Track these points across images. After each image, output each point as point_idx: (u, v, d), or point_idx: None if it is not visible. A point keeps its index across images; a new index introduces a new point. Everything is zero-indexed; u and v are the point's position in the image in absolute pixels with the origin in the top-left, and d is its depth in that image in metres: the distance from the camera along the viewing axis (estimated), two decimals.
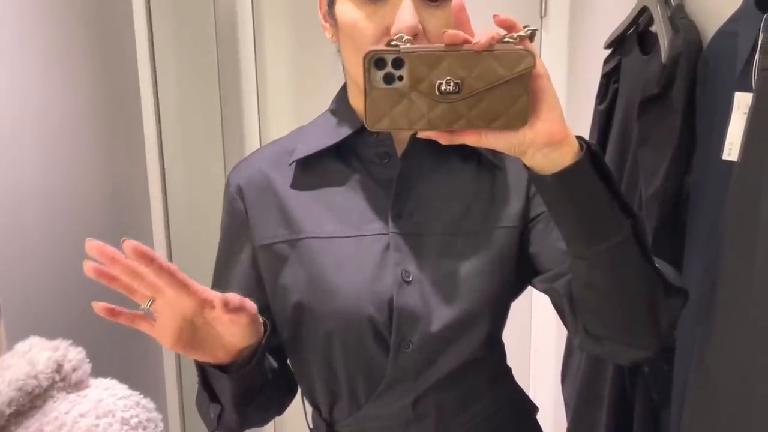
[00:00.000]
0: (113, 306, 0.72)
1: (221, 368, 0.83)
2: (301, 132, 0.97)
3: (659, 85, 1.16)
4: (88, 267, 0.68)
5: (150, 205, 2.06)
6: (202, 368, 0.85)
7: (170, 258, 2.08)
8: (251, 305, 0.75)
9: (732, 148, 0.96)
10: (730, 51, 1.01)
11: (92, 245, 0.68)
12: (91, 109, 1.78)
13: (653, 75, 1.18)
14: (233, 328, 0.77)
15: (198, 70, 2.02)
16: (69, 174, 1.68)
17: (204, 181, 2.02)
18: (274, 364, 0.95)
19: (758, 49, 0.84)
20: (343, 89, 0.94)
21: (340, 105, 0.94)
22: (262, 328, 0.83)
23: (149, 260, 0.68)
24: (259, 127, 2.06)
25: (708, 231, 1.04)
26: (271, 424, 2.19)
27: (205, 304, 0.73)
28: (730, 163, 0.95)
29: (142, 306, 0.73)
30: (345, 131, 0.90)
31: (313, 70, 2.01)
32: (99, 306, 0.71)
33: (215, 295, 0.72)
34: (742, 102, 0.92)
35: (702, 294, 0.92)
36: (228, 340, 0.79)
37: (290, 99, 2.05)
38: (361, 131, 0.89)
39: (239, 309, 0.73)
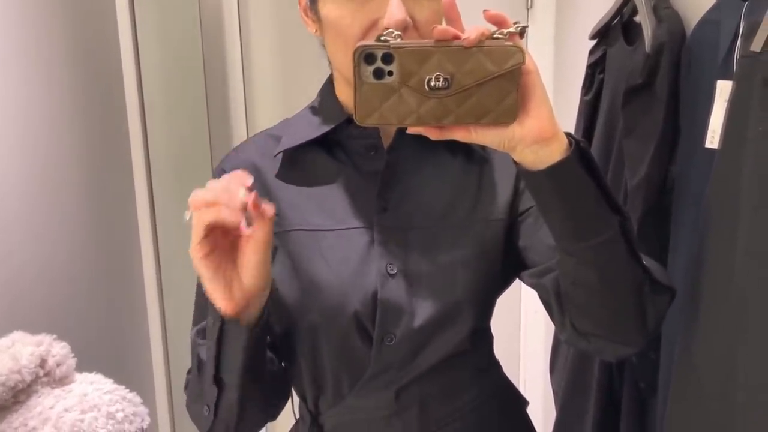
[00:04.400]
0: None
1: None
2: (288, 123, 0.96)
3: (643, 75, 1.16)
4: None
5: (135, 199, 2.05)
6: (220, 330, 0.80)
7: (156, 252, 2.07)
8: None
9: (714, 136, 0.96)
10: (712, 40, 1.01)
11: None
12: (73, 101, 1.77)
13: (637, 65, 1.19)
14: (250, 252, 0.73)
15: (183, 63, 2.02)
16: (51, 167, 1.67)
17: (191, 175, 2.01)
18: (272, 356, 0.94)
19: (739, 36, 0.85)
20: (329, 81, 0.94)
21: (326, 97, 0.93)
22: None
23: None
24: (246, 122, 2.05)
25: (692, 220, 1.04)
26: None
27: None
28: (713, 151, 0.95)
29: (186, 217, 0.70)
30: (330, 123, 0.90)
31: (299, 62, 2.01)
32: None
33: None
34: (724, 90, 0.92)
35: (687, 283, 0.92)
36: (244, 277, 0.75)
37: (277, 92, 2.04)
38: (347, 123, 0.89)
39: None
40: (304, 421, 0.97)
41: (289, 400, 0.99)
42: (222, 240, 0.73)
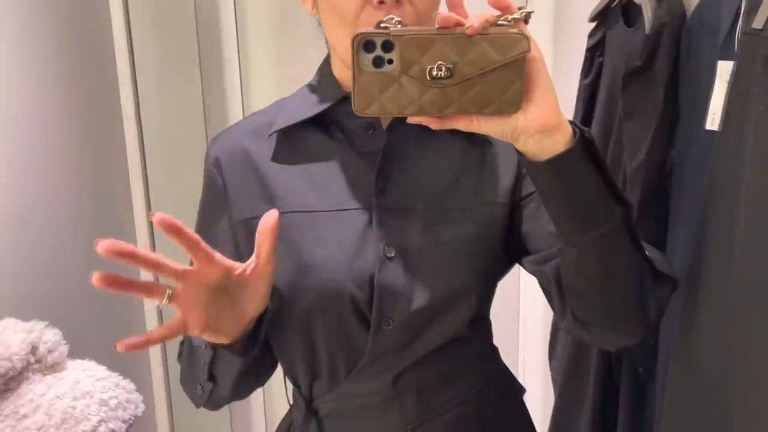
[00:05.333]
0: (114, 274, 0.63)
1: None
2: (283, 103, 0.94)
3: (642, 57, 1.14)
4: (97, 277, 0.62)
5: (129, 181, 2.03)
6: (213, 350, 0.82)
7: (151, 237, 2.06)
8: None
9: (715, 118, 0.95)
10: (713, 20, 0.99)
11: (105, 245, 0.61)
12: (65, 85, 1.75)
13: (637, 47, 1.17)
14: (260, 287, 0.75)
15: (177, 46, 2.00)
16: (41, 151, 1.65)
17: (185, 160, 2.00)
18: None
19: (741, 15, 0.83)
20: (327, 60, 0.92)
21: (324, 75, 0.91)
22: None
23: (177, 231, 0.65)
24: (242, 104, 2.03)
25: (692, 203, 1.03)
26: (260, 396, 2.19)
27: (228, 271, 0.71)
28: (713, 133, 0.94)
29: (160, 304, 0.68)
30: (327, 102, 0.88)
31: (296, 45, 1.99)
32: (97, 277, 0.62)
33: (235, 264, 0.72)
34: (725, 70, 0.91)
35: (686, 267, 0.91)
36: (246, 309, 0.76)
37: (273, 76, 2.02)
38: (344, 102, 0.87)
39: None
40: (299, 408, 0.96)
41: (283, 386, 0.98)
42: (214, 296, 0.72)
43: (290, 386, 0.98)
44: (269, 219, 0.70)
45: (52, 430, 0.99)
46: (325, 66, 0.92)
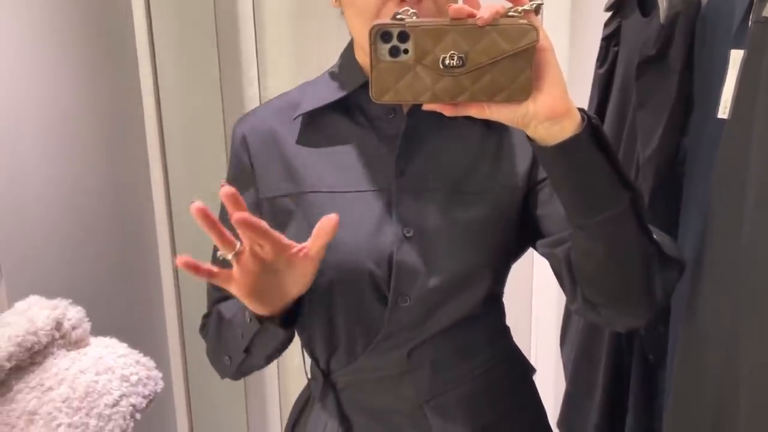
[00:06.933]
0: (194, 261, 0.71)
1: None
2: (308, 86, 0.97)
3: (657, 46, 1.14)
4: (195, 207, 0.67)
5: (149, 161, 2.06)
6: (259, 323, 0.84)
7: (170, 218, 2.09)
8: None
9: (727, 107, 0.95)
10: (728, 9, 0.99)
11: (196, 207, 0.67)
12: (86, 69, 1.78)
13: (651, 36, 1.17)
14: (307, 268, 0.77)
15: (196, 37, 2.01)
16: (65, 131, 1.68)
17: (204, 148, 2.02)
18: None
19: (754, 3, 0.83)
20: (350, 46, 0.94)
21: (347, 61, 0.94)
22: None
23: (254, 226, 0.69)
24: (259, 87, 2.05)
25: (703, 192, 1.03)
26: (274, 373, 2.23)
27: (284, 249, 0.73)
28: (725, 121, 0.94)
29: (227, 256, 0.72)
30: (350, 87, 0.90)
31: (313, 32, 2.00)
32: (181, 260, 0.69)
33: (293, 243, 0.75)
34: (737, 59, 0.91)
35: (696, 254, 0.92)
36: (289, 288, 0.79)
37: (290, 61, 2.04)
38: (366, 86, 0.89)
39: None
40: (316, 381, 0.99)
41: (302, 360, 1.01)
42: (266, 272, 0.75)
43: (308, 360, 1.01)
44: (331, 219, 0.73)
45: (76, 402, 1.02)
46: (348, 52, 0.94)
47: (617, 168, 0.72)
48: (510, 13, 0.64)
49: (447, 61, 0.64)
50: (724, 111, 0.96)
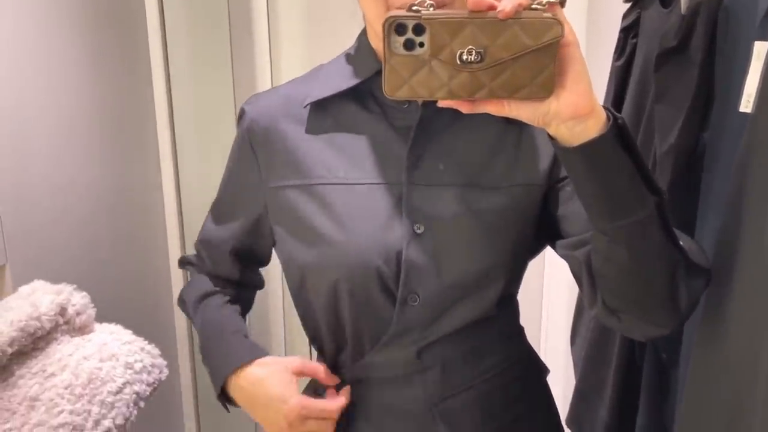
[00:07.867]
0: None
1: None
2: (320, 71, 0.94)
3: (677, 38, 1.12)
4: None
5: (158, 147, 2.06)
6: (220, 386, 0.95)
7: (180, 211, 2.08)
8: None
9: (750, 100, 0.92)
10: (751, 0, 0.97)
11: None
12: (96, 60, 1.77)
13: (671, 27, 1.14)
14: None
15: (208, 25, 2.01)
16: (73, 114, 1.68)
17: (215, 136, 2.02)
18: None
19: None
20: (365, 30, 0.91)
21: (362, 45, 0.90)
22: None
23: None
24: (271, 71, 2.03)
25: (722, 187, 1.01)
26: None
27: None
28: (747, 116, 0.92)
29: None
30: (364, 75, 0.87)
31: (325, 19, 1.98)
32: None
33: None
34: (761, 51, 0.88)
35: (715, 252, 0.89)
36: None
37: (302, 45, 2.02)
38: (380, 74, 0.87)
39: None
40: None
41: (308, 354, 1.00)
42: None
43: (314, 353, 0.99)
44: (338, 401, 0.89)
45: (79, 389, 1.01)
46: (363, 36, 0.91)
47: (643, 170, 0.69)
48: (533, 6, 0.61)
49: (464, 56, 0.61)
50: (746, 104, 0.94)
